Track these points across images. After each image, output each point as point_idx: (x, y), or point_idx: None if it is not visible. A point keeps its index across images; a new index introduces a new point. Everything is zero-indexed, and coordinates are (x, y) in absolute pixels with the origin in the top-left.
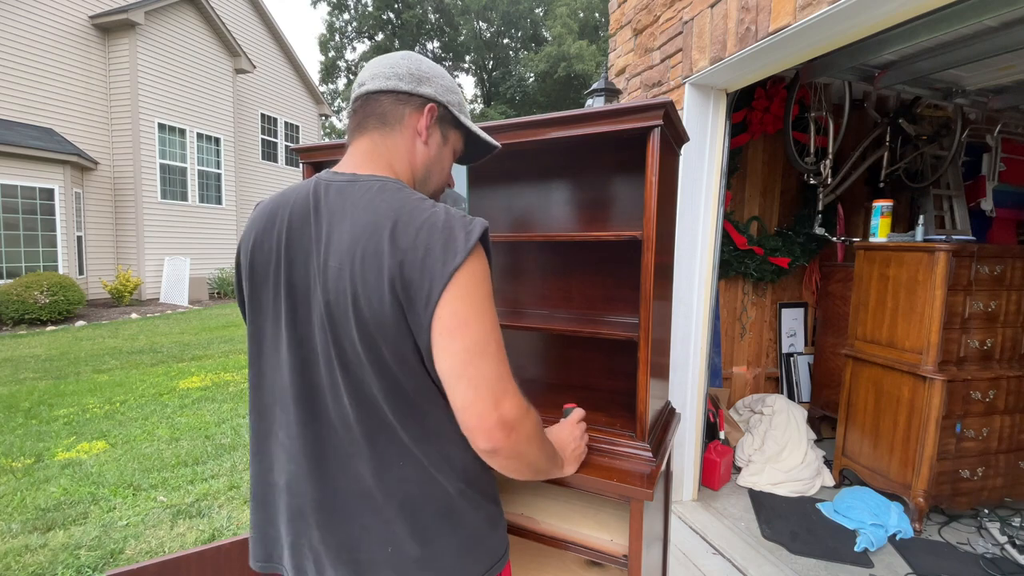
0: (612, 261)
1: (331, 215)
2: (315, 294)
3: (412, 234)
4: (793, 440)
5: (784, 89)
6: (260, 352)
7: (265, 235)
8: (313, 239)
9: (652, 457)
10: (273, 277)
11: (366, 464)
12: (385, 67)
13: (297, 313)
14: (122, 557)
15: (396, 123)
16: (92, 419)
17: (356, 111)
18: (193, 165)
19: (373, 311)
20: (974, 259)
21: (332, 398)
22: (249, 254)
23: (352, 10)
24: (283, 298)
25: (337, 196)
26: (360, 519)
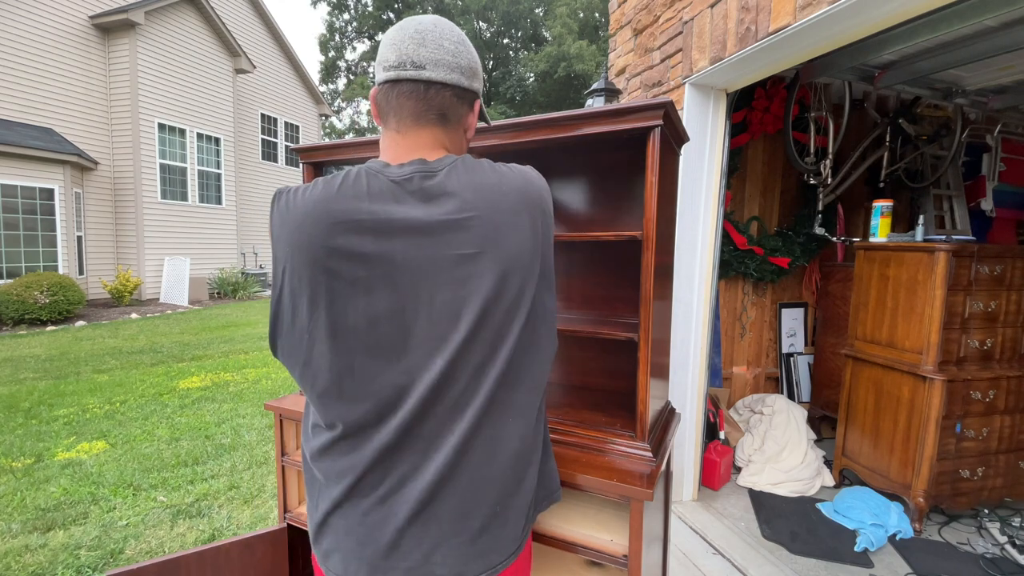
0: (612, 261)
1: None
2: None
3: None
4: (793, 440)
5: (784, 89)
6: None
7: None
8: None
9: (652, 457)
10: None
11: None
12: (448, 55)
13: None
14: (122, 557)
15: (456, 121)
16: (92, 419)
17: (415, 99)
18: (193, 165)
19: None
20: (974, 259)
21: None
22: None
23: (352, 10)
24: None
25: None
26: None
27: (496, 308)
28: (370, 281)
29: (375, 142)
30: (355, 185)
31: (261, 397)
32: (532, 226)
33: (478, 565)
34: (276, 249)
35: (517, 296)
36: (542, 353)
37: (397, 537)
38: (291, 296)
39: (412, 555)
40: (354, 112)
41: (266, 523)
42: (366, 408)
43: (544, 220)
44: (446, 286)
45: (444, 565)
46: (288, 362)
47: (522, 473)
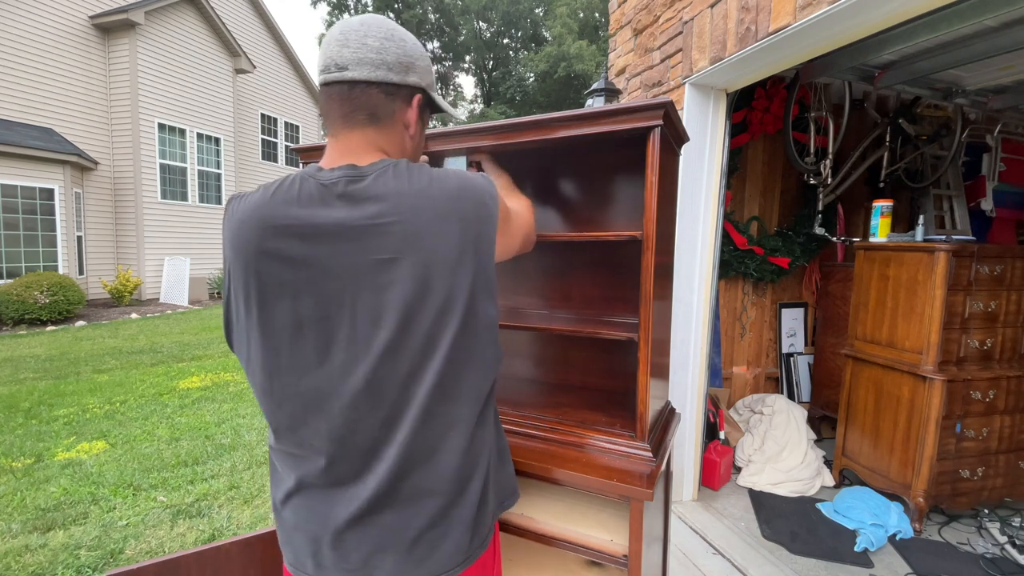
0: (612, 261)
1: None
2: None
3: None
4: (793, 440)
5: (784, 89)
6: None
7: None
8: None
9: (652, 457)
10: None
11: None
12: (371, 52)
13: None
14: (122, 557)
15: (387, 119)
16: (92, 419)
17: (340, 101)
18: (193, 165)
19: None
20: (974, 259)
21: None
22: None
23: (352, 10)
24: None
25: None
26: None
27: (421, 316)
28: (296, 284)
29: None
30: (288, 190)
31: None
32: (462, 232)
33: (417, 575)
34: (224, 251)
35: (445, 304)
36: (483, 364)
37: (337, 539)
38: (234, 296)
39: (352, 557)
40: None
41: (266, 523)
42: (293, 410)
43: (480, 227)
44: (367, 292)
45: (383, 570)
46: (238, 356)
47: (464, 486)
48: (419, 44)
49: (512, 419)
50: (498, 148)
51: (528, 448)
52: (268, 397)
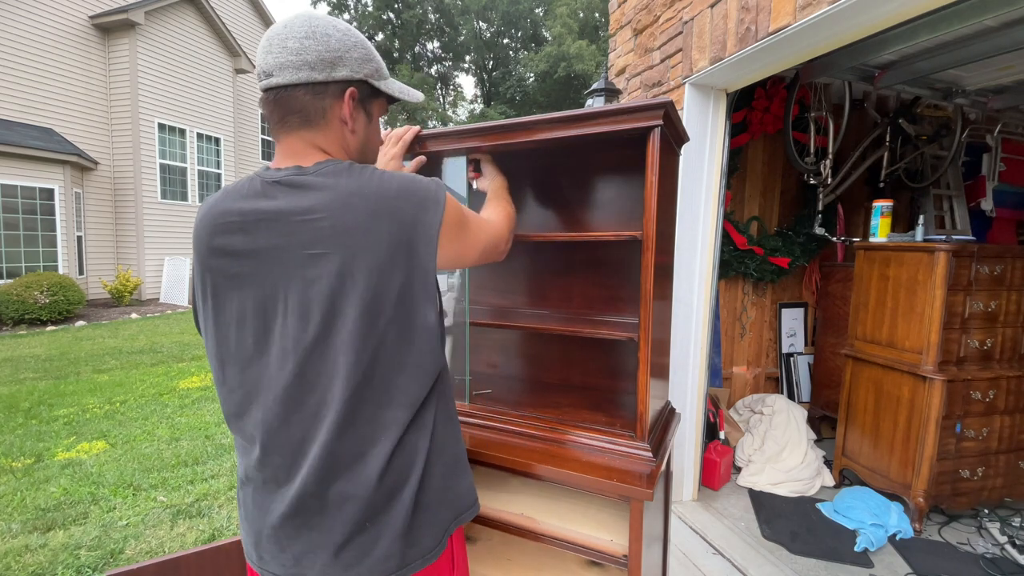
0: (612, 261)
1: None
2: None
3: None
4: (793, 440)
5: (784, 89)
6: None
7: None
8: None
9: (652, 457)
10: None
11: None
12: (291, 53)
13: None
14: (122, 557)
15: (320, 118)
16: (92, 419)
17: (271, 107)
18: (193, 165)
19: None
20: (974, 259)
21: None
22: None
23: (352, 10)
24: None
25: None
26: None
27: (346, 314)
28: (241, 277)
29: None
30: (237, 187)
31: None
32: (396, 233)
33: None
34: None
35: (372, 305)
36: (418, 371)
37: (273, 534)
38: (198, 290)
39: (286, 554)
40: None
41: None
42: (239, 399)
43: (418, 230)
44: (298, 285)
45: (313, 570)
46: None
47: (394, 494)
48: (351, 35)
49: (512, 419)
50: (498, 148)
51: (528, 448)
52: (220, 386)
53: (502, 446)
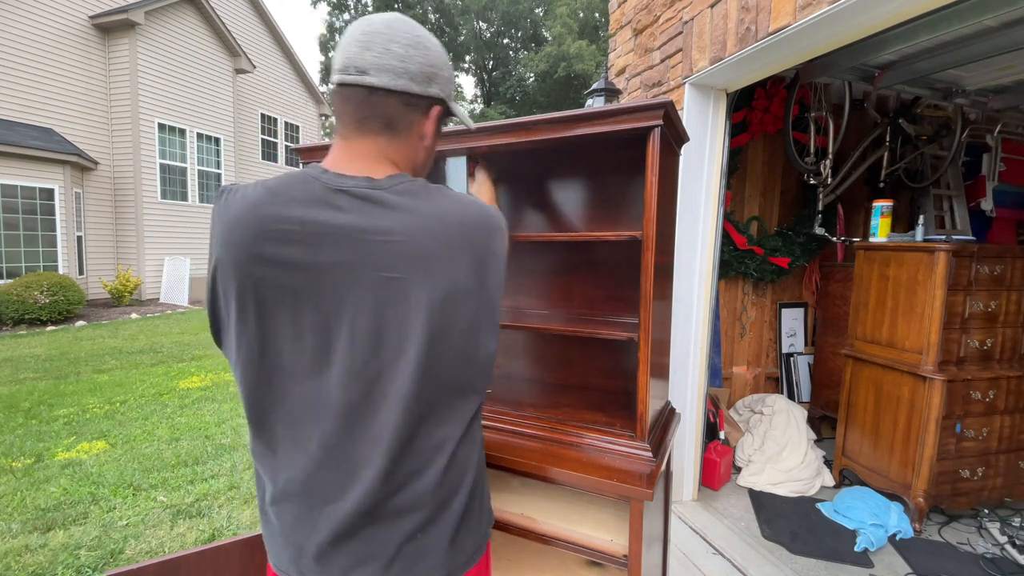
0: (612, 261)
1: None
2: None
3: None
4: (793, 440)
5: (784, 89)
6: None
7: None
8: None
9: (652, 457)
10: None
11: None
12: (395, 59)
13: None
14: (122, 557)
15: (404, 130)
16: (92, 419)
17: (356, 104)
18: (193, 165)
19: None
20: (974, 259)
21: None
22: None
23: (352, 10)
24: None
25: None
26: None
27: (417, 342)
28: (296, 291)
29: None
30: (289, 189)
31: None
32: (472, 264)
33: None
34: (211, 244)
35: (444, 333)
36: (475, 392)
37: (320, 552)
38: (223, 295)
39: (333, 570)
40: None
41: None
42: (287, 414)
43: (490, 260)
44: (368, 307)
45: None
46: (226, 353)
47: (445, 505)
48: (444, 52)
49: (512, 419)
50: (498, 148)
51: (528, 448)
52: (263, 398)
53: (503, 446)
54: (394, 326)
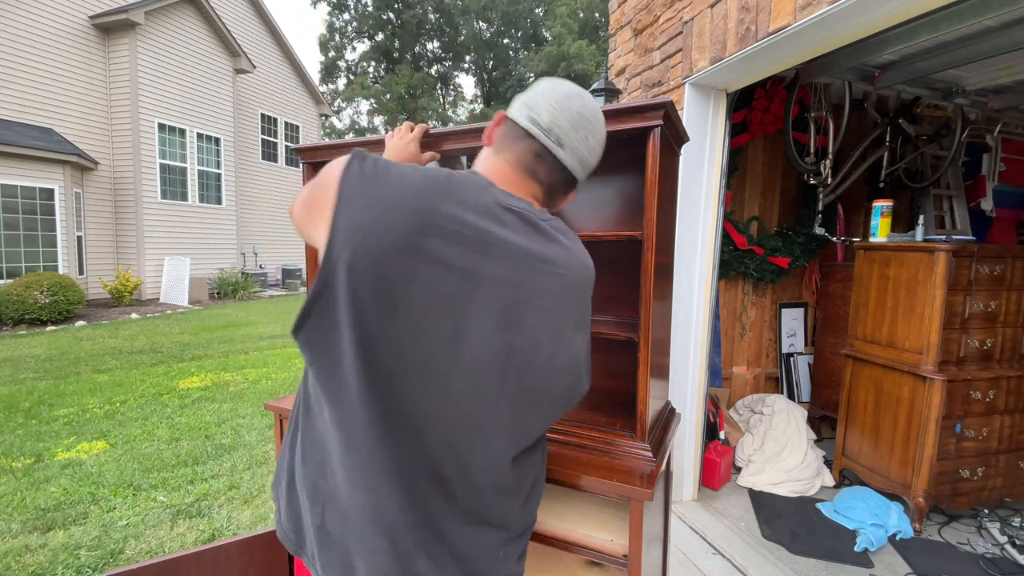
0: (612, 261)
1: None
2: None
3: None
4: (793, 440)
5: (784, 89)
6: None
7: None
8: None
9: (652, 457)
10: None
11: None
12: (586, 150)
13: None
14: (122, 557)
15: (552, 197)
16: (92, 419)
17: (539, 162)
18: (193, 165)
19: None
20: (974, 259)
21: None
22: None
23: (352, 10)
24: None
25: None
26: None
27: (530, 370)
28: (450, 296)
29: (375, 142)
30: (462, 190)
31: (261, 397)
32: (586, 304)
33: None
34: (336, 215)
35: (547, 364)
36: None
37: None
38: (347, 282)
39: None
40: (354, 112)
41: (266, 523)
42: (389, 424)
43: (586, 314)
44: (514, 328)
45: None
46: (312, 348)
47: (526, 525)
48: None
49: None
50: None
51: None
52: (382, 389)
53: None
54: (530, 351)
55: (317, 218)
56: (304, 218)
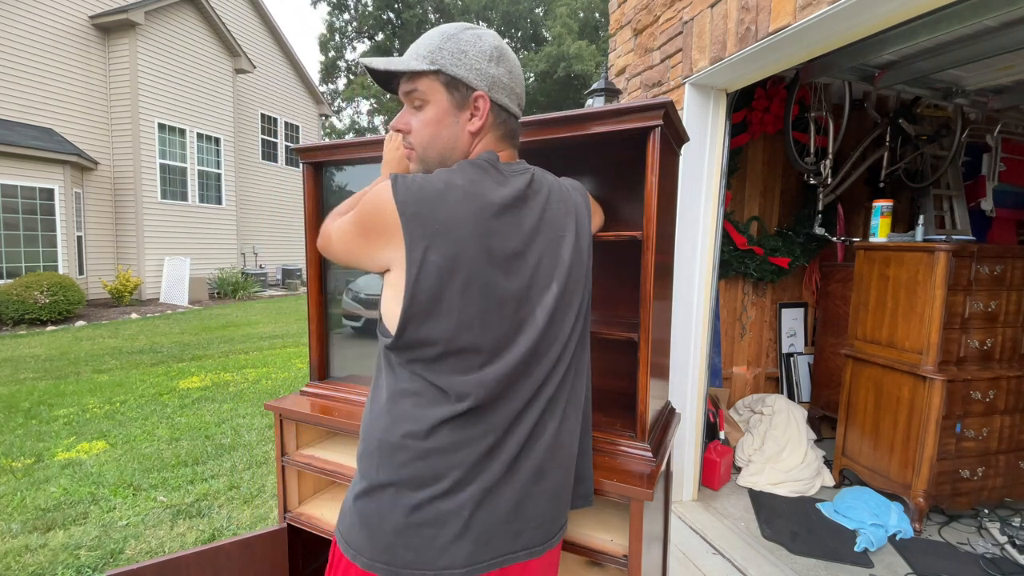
0: (612, 261)
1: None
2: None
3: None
4: (793, 440)
5: (784, 89)
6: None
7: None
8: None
9: (652, 457)
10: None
11: None
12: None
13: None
14: (122, 557)
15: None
16: (92, 419)
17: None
18: (193, 165)
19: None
20: (974, 259)
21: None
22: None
23: (352, 10)
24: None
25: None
26: None
27: (568, 301)
28: (511, 259)
29: (375, 142)
30: (493, 175)
31: (261, 397)
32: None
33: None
34: (412, 232)
35: (579, 298)
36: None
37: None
38: (445, 276)
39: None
40: (354, 112)
41: (266, 523)
42: (500, 380)
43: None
44: (551, 273)
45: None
46: (422, 334)
47: (572, 472)
48: None
49: None
50: None
51: None
52: (478, 370)
53: None
54: (557, 294)
55: (377, 241)
56: (355, 246)
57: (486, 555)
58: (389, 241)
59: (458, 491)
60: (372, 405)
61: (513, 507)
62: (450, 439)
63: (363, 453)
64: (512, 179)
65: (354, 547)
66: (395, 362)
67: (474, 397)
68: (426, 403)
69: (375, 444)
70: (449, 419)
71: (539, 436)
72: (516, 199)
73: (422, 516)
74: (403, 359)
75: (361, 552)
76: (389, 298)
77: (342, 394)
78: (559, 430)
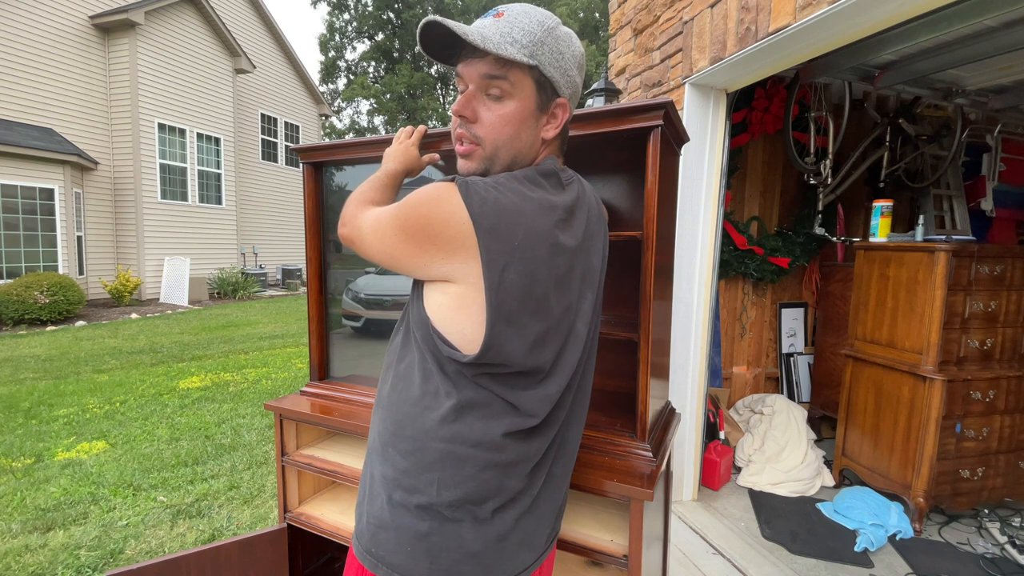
0: (612, 261)
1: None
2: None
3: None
4: (793, 440)
5: (784, 89)
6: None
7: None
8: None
9: (652, 457)
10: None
11: None
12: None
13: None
14: (122, 557)
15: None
16: (92, 419)
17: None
18: (193, 165)
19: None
20: (974, 259)
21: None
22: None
23: (352, 10)
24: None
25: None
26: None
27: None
28: (567, 273)
29: (375, 142)
30: (556, 185)
31: (261, 397)
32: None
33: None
34: (515, 234)
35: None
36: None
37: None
38: (523, 287)
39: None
40: (354, 112)
41: (266, 523)
42: (562, 395)
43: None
44: (587, 283)
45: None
46: (502, 356)
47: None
48: None
49: None
50: None
51: None
52: (545, 383)
53: None
54: (590, 312)
55: (438, 253)
56: (401, 251)
57: (531, 559)
58: (454, 253)
59: (515, 503)
60: (422, 412)
61: (548, 511)
62: (515, 451)
63: (415, 466)
64: (568, 188)
65: (402, 571)
66: (450, 370)
67: (542, 413)
68: (494, 414)
69: (435, 455)
70: (515, 432)
71: (566, 441)
72: (570, 210)
73: (495, 530)
74: (470, 372)
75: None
76: (450, 309)
77: (342, 394)
78: (576, 431)
